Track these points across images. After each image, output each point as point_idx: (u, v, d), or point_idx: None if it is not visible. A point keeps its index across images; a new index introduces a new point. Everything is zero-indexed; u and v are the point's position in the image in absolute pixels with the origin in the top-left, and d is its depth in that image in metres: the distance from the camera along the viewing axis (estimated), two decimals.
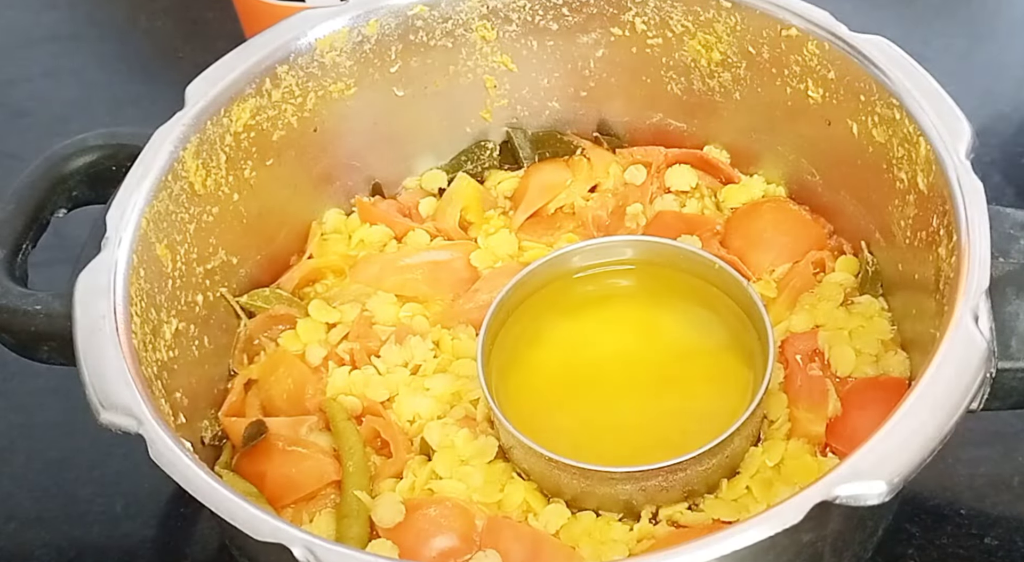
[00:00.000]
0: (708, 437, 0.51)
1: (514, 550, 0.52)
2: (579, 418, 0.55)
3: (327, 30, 0.61)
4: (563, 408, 0.56)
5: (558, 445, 0.52)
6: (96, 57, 0.91)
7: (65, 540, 0.62)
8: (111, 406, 0.48)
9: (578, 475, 0.51)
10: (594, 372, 0.57)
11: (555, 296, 0.59)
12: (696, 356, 0.57)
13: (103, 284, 0.51)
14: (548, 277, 0.58)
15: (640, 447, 0.53)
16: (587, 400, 0.56)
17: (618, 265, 0.59)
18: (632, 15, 0.63)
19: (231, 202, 0.60)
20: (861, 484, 0.42)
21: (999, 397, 0.47)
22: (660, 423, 0.54)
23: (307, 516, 0.55)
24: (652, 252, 0.58)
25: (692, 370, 0.56)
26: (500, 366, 0.56)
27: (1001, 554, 0.56)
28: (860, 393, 0.55)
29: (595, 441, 0.54)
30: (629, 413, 0.55)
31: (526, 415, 0.54)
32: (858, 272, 0.60)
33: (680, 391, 0.55)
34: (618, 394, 0.56)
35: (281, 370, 0.60)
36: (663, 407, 0.55)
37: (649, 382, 0.56)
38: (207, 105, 0.58)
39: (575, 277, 0.59)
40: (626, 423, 0.55)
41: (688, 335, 0.57)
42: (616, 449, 0.53)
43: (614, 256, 0.59)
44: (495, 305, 0.56)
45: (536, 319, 0.58)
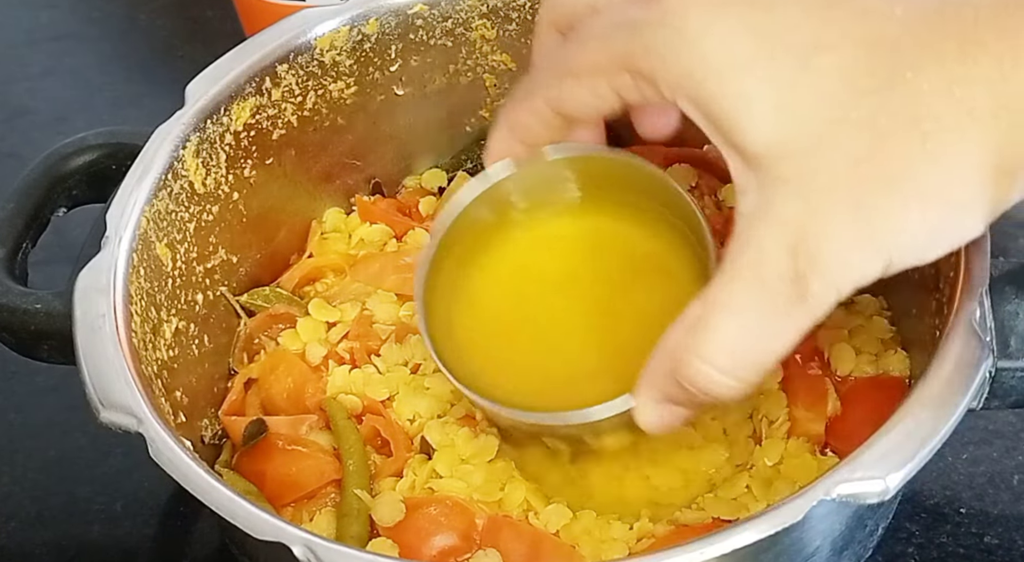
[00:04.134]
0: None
1: (514, 549, 0.52)
2: (526, 348, 0.53)
3: (327, 29, 0.61)
4: (509, 338, 0.53)
5: (505, 380, 0.50)
6: (96, 56, 0.91)
7: (65, 539, 0.62)
8: (111, 405, 0.48)
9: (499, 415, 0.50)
10: (540, 298, 0.54)
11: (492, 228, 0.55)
12: (645, 271, 0.54)
13: (103, 283, 0.51)
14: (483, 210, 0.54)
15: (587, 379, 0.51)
16: (533, 327, 0.54)
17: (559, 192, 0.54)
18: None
19: (231, 201, 0.60)
20: (861, 483, 0.42)
21: (999, 396, 0.47)
22: (609, 351, 0.52)
23: (307, 515, 0.55)
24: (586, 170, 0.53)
25: (643, 295, 0.53)
26: (445, 310, 0.54)
27: (1001, 553, 0.56)
28: (860, 392, 0.55)
29: (543, 373, 0.52)
30: (577, 340, 0.53)
31: (476, 350, 0.53)
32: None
33: (631, 318, 0.53)
34: (565, 320, 0.53)
35: (281, 369, 0.60)
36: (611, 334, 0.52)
37: (597, 307, 0.53)
38: (207, 104, 0.58)
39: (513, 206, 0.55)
40: (574, 351, 0.52)
41: (635, 248, 0.54)
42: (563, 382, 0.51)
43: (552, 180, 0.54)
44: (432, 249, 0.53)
45: (474, 254, 0.55)
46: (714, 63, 0.41)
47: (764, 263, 0.41)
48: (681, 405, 0.46)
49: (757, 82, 0.41)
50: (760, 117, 0.41)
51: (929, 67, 0.40)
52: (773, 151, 0.41)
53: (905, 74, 0.40)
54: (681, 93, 0.42)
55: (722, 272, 0.42)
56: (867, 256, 0.41)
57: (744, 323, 0.42)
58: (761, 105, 0.41)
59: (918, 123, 0.40)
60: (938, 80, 0.39)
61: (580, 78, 0.46)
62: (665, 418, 0.47)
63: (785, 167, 0.41)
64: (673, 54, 0.42)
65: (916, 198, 0.40)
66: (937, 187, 0.40)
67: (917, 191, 0.40)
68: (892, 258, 0.41)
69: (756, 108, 0.41)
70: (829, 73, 0.40)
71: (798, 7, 0.42)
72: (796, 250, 0.41)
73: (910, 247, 0.41)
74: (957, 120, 0.39)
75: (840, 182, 0.40)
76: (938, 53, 0.40)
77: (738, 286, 0.42)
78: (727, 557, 0.42)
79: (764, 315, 0.42)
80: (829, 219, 0.40)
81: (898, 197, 0.40)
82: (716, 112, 0.42)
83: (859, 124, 0.40)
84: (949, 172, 0.40)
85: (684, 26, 0.42)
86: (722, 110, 0.42)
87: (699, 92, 0.42)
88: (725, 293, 0.42)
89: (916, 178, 0.40)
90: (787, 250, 0.41)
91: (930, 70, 0.40)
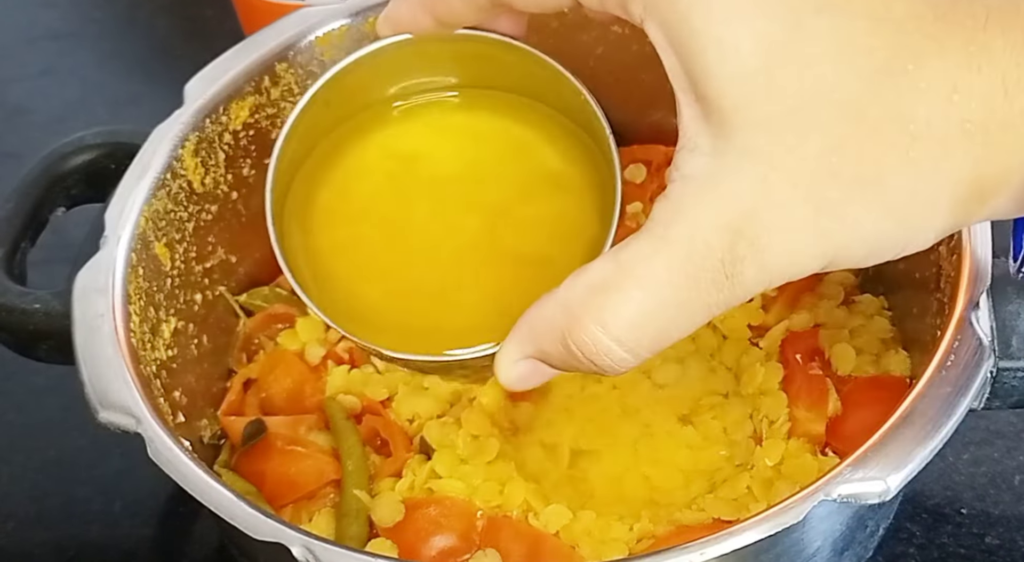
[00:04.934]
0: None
1: (514, 549, 0.52)
2: (390, 270, 0.45)
3: (326, 28, 0.61)
4: (374, 256, 0.46)
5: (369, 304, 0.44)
6: (95, 55, 0.91)
7: (64, 539, 0.62)
8: (110, 405, 0.47)
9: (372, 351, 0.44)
10: (409, 209, 0.46)
11: (362, 122, 0.47)
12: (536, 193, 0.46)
13: (102, 283, 0.51)
14: (358, 104, 0.47)
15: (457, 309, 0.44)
16: (400, 245, 0.46)
17: (441, 88, 0.47)
18: None
19: (230, 200, 0.60)
20: (862, 483, 0.42)
21: (1000, 396, 0.47)
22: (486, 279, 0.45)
23: (306, 515, 0.55)
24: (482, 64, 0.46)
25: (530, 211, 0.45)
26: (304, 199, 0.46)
27: (1002, 553, 0.56)
28: (860, 392, 0.55)
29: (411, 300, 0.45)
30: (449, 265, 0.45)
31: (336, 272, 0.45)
32: (858, 271, 0.60)
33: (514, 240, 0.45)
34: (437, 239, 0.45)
35: (280, 369, 0.60)
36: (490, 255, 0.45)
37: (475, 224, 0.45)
38: (206, 103, 0.58)
39: (393, 107, 0.47)
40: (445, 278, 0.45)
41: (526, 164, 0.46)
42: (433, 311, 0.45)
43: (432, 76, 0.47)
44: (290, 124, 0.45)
45: (339, 150, 0.47)
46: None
47: (698, 238, 0.37)
48: (553, 365, 0.41)
49: (745, 30, 0.36)
50: (738, 71, 0.36)
51: (931, 63, 0.36)
52: (742, 115, 0.36)
53: (906, 65, 0.36)
54: (655, 15, 0.38)
55: (647, 235, 0.38)
56: (812, 254, 0.37)
57: (659, 298, 0.38)
58: (743, 57, 0.36)
59: (907, 123, 0.36)
60: (939, 82, 0.36)
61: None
62: (526, 378, 0.41)
63: (750, 136, 0.36)
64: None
65: (880, 206, 0.37)
66: (906, 200, 0.37)
67: (884, 199, 0.37)
68: (833, 260, 0.38)
69: (737, 59, 0.36)
70: (824, 40, 0.36)
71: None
72: (740, 231, 0.36)
73: (854, 254, 0.38)
74: (947, 131, 0.36)
75: (808, 168, 0.36)
76: (942, 50, 0.36)
77: (662, 257, 0.37)
78: (727, 557, 0.42)
79: (683, 293, 0.37)
80: (784, 206, 0.36)
81: (863, 201, 0.37)
82: (690, 51, 0.37)
83: (845, 107, 0.36)
84: (923, 186, 0.37)
85: None
86: (698, 50, 0.37)
87: (676, 20, 0.37)
88: (645, 262, 0.38)
89: (887, 185, 0.37)
90: (729, 229, 0.36)
91: (932, 67, 0.36)
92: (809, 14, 0.36)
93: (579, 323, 0.38)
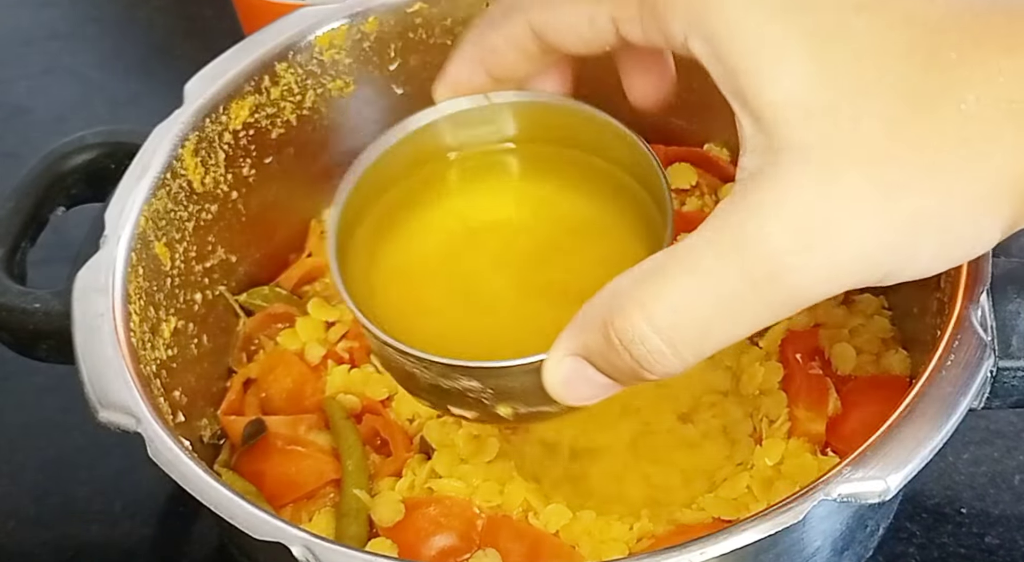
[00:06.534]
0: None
1: (514, 549, 0.52)
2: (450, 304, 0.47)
3: (326, 27, 0.61)
4: (432, 292, 0.48)
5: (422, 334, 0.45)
6: (95, 55, 0.91)
7: (63, 539, 0.62)
8: (109, 404, 0.47)
9: (418, 365, 0.44)
10: (468, 253, 0.49)
11: (427, 177, 0.50)
12: (586, 235, 0.48)
13: (102, 282, 0.51)
14: (417, 157, 0.49)
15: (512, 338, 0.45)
16: (459, 283, 0.48)
17: (499, 143, 0.49)
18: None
19: (230, 200, 0.60)
20: (862, 483, 0.42)
21: (1000, 396, 0.47)
22: (540, 310, 0.46)
23: (306, 515, 0.55)
24: (537, 119, 0.48)
25: (581, 251, 0.48)
26: (366, 254, 0.49)
27: (1002, 553, 0.56)
28: (860, 392, 0.55)
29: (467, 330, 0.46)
30: (505, 296, 0.47)
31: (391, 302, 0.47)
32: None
33: (565, 274, 0.47)
34: (495, 275, 0.48)
35: (280, 369, 0.59)
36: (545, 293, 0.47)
37: (530, 263, 0.48)
38: (206, 103, 0.58)
39: (449, 157, 0.50)
40: (501, 308, 0.47)
41: (578, 210, 0.49)
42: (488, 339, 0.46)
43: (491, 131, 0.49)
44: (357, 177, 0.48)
45: (402, 200, 0.50)
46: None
47: (751, 227, 0.36)
48: (597, 366, 0.40)
49: (788, 28, 0.36)
50: (787, 71, 0.36)
51: (972, 53, 0.36)
52: (793, 112, 0.36)
53: (950, 54, 0.36)
54: (696, 29, 0.37)
55: (703, 228, 0.37)
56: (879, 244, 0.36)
57: (703, 286, 0.37)
58: (790, 57, 0.36)
59: (959, 104, 0.35)
60: (982, 67, 0.36)
61: (577, 1, 0.41)
62: (572, 381, 0.40)
63: (805, 132, 0.36)
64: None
65: (943, 188, 0.36)
66: (966, 186, 0.36)
67: (946, 181, 0.36)
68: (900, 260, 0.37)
69: (784, 60, 0.36)
70: (870, 34, 0.36)
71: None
72: (799, 222, 0.36)
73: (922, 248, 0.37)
74: (997, 111, 0.36)
75: (865, 153, 0.36)
76: (982, 43, 0.36)
77: (712, 247, 0.37)
78: (727, 557, 0.42)
79: (729, 285, 0.36)
80: (846, 193, 0.36)
81: (926, 182, 0.36)
82: (736, 58, 0.37)
83: (895, 92, 0.36)
84: (980, 168, 0.36)
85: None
86: (744, 56, 0.37)
87: (720, 28, 0.37)
88: (695, 250, 0.37)
89: (947, 166, 0.36)
90: (787, 220, 0.36)
91: (974, 58, 0.36)
92: (850, 12, 0.36)
93: (621, 308, 0.38)
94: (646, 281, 0.37)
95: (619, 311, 0.38)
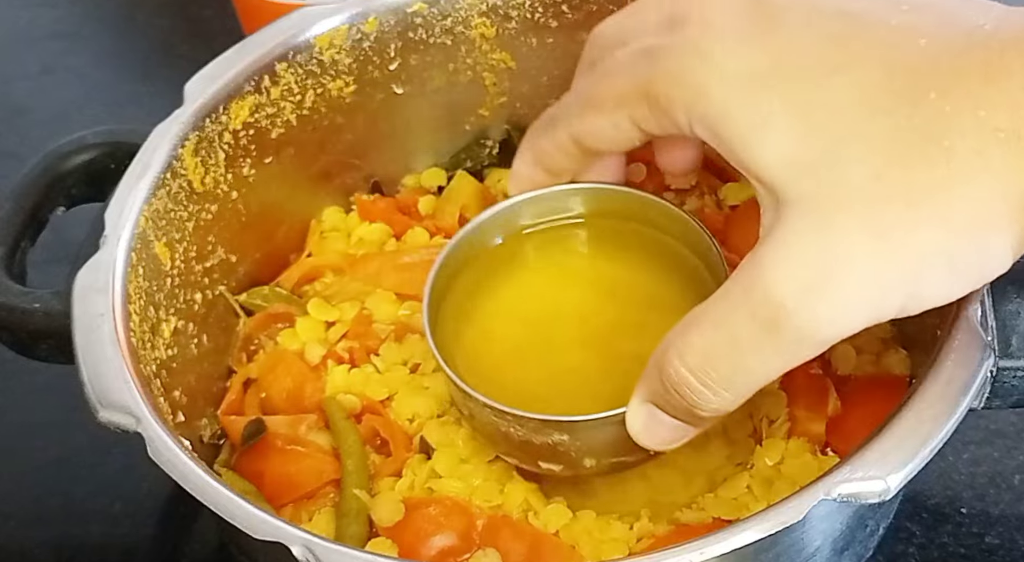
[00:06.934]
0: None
1: (514, 549, 0.51)
2: (533, 371, 0.53)
3: (326, 27, 0.61)
4: (516, 360, 0.54)
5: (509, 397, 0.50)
6: (95, 55, 0.91)
7: (63, 539, 0.62)
8: (109, 404, 0.47)
9: (513, 422, 0.49)
10: (548, 325, 0.54)
11: (505, 252, 0.56)
12: (653, 308, 0.54)
13: (102, 282, 0.51)
14: (497, 233, 0.56)
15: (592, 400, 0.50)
16: (541, 353, 0.54)
17: (568, 219, 0.56)
18: None
19: (230, 200, 0.60)
20: (862, 483, 0.42)
21: (1000, 396, 0.47)
22: (615, 376, 0.51)
23: (306, 515, 0.55)
24: (602, 202, 0.55)
25: (649, 323, 0.53)
26: (453, 321, 0.54)
27: (1002, 553, 0.56)
28: (860, 391, 0.55)
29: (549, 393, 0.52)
30: (584, 365, 0.53)
31: (477, 367, 0.53)
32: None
33: (637, 344, 0.52)
34: (573, 346, 0.53)
35: (280, 369, 0.59)
36: (619, 360, 0.52)
37: (605, 334, 0.53)
38: (206, 103, 0.58)
39: (525, 233, 0.56)
40: (581, 375, 0.52)
41: (645, 286, 0.55)
42: (569, 401, 0.51)
43: (563, 211, 0.56)
44: (442, 258, 0.54)
45: (486, 275, 0.56)
46: (731, 81, 0.42)
47: (759, 280, 0.40)
48: (663, 409, 0.45)
49: (772, 101, 0.41)
50: (774, 136, 0.41)
51: (953, 90, 0.38)
52: (788, 171, 0.40)
53: (928, 94, 0.39)
54: (696, 115, 0.43)
55: (727, 282, 0.42)
56: (885, 284, 0.39)
57: (723, 334, 0.42)
58: (775, 123, 0.41)
59: (940, 140, 0.38)
60: (962, 101, 0.38)
61: (602, 110, 0.47)
62: (650, 427, 0.46)
63: (799, 186, 0.40)
64: (690, 74, 0.43)
65: (937, 221, 0.38)
66: (961, 212, 0.38)
67: (938, 214, 0.38)
68: (911, 293, 0.39)
69: (770, 127, 0.41)
70: (845, 91, 0.40)
71: (817, 34, 0.41)
72: (799, 272, 0.39)
73: (930, 280, 0.39)
74: (982, 141, 0.38)
75: (857, 198, 0.39)
76: (962, 77, 0.38)
77: (729, 298, 0.42)
78: (727, 557, 0.42)
79: (746, 331, 0.41)
80: (843, 239, 0.39)
81: (918, 219, 0.38)
82: (730, 132, 0.42)
83: (878, 138, 0.39)
84: (974, 195, 0.38)
85: (702, 48, 0.43)
86: (736, 130, 0.41)
87: (713, 111, 0.42)
88: (716, 302, 0.42)
89: (937, 200, 0.38)
90: (789, 270, 0.40)
91: (954, 92, 0.38)
92: (827, 73, 0.40)
93: (666, 355, 0.43)
94: (682, 331, 0.43)
95: (665, 358, 0.43)
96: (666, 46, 0.44)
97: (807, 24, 0.41)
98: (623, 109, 0.46)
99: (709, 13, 0.43)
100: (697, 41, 0.43)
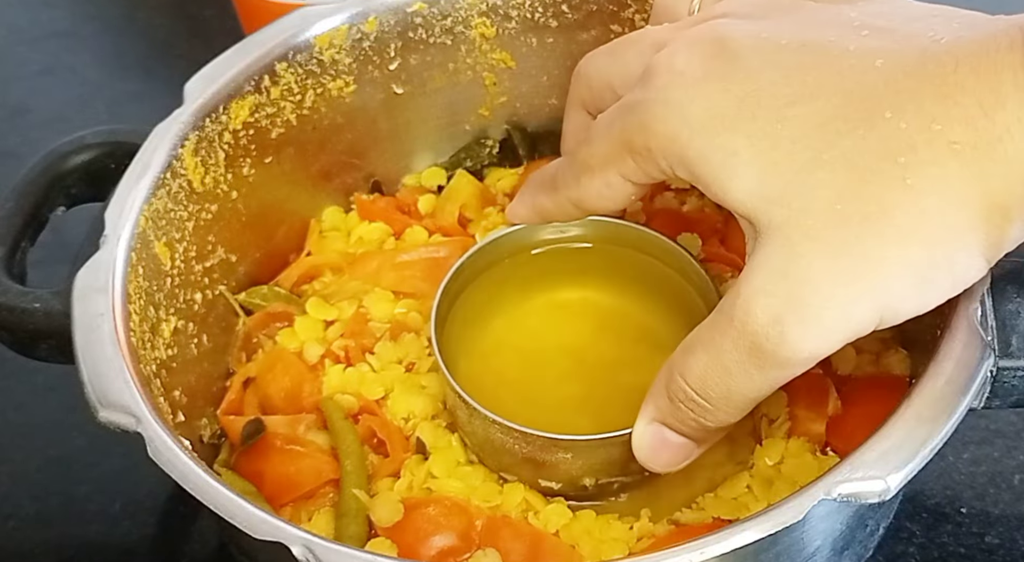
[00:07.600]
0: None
1: (513, 549, 0.51)
2: (535, 390, 0.55)
3: (326, 27, 0.61)
4: (518, 379, 0.56)
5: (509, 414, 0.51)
6: (95, 55, 0.91)
7: (63, 538, 0.62)
8: (109, 404, 0.47)
9: (519, 439, 0.51)
10: (550, 347, 0.57)
11: (513, 269, 0.58)
12: (653, 335, 0.56)
13: (101, 282, 0.51)
14: (507, 251, 0.58)
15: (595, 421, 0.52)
16: (544, 373, 0.56)
17: (575, 242, 0.58)
18: (632, 12, 0.63)
19: (230, 200, 0.60)
20: (862, 483, 0.42)
21: (1000, 395, 0.47)
22: (613, 401, 0.53)
23: (306, 515, 0.55)
24: (607, 232, 0.57)
25: (649, 350, 0.55)
26: (458, 333, 0.56)
27: (1002, 553, 0.56)
28: (860, 391, 0.55)
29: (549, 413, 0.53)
30: (584, 389, 0.55)
31: (480, 381, 0.54)
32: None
33: (635, 371, 0.54)
34: (574, 370, 0.55)
35: (279, 368, 0.59)
36: (616, 387, 0.54)
37: (604, 360, 0.56)
38: (206, 102, 0.58)
39: (533, 253, 0.58)
40: (581, 398, 0.54)
41: (645, 315, 0.57)
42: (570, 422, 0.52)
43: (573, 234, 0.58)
44: (453, 270, 0.56)
45: (494, 291, 0.58)
46: (697, 125, 0.44)
47: (738, 307, 0.42)
48: (670, 425, 0.47)
49: (735, 140, 0.43)
50: (742, 171, 0.42)
51: (907, 108, 0.40)
52: (759, 204, 0.42)
53: (884, 114, 0.40)
54: (674, 160, 0.45)
55: (716, 308, 0.44)
56: (853, 301, 0.41)
57: (712, 358, 0.44)
58: (741, 160, 0.42)
59: (896, 157, 0.40)
60: (917, 118, 0.40)
61: (593, 173, 0.49)
62: (656, 447, 0.48)
63: (770, 216, 0.42)
64: (661, 122, 0.45)
65: (897, 235, 0.40)
66: (921, 224, 0.40)
67: (898, 228, 0.40)
68: (883, 307, 0.41)
69: (737, 164, 0.43)
70: (804, 121, 0.42)
71: (777, 69, 0.43)
72: (772, 294, 0.41)
73: (900, 293, 0.41)
74: (936, 154, 0.39)
75: (820, 221, 0.41)
76: (917, 96, 0.40)
77: (714, 323, 0.44)
78: (727, 557, 0.42)
79: (732, 355, 0.43)
80: (809, 261, 0.41)
81: (878, 235, 0.40)
82: (704, 171, 0.44)
83: (838, 162, 0.41)
84: (933, 207, 0.40)
85: (670, 97, 0.45)
86: (709, 168, 0.44)
87: (687, 153, 0.44)
88: (706, 328, 0.44)
89: (894, 215, 0.40)
90: (763, 293, 0.41)
91: (909, 110, 0.40)
92: (785, 106, 0.42)
93: (671, 374, 0.46)
94: (680, 354, 0.46)
95: (670, 376, 0.46)
96: (640, 100, 0.46)
97: (768, 61, 0.43)
98: (611, 167, 0.48)
99: (676, 62, 0.45)
100: (666, 91, 0.45)
